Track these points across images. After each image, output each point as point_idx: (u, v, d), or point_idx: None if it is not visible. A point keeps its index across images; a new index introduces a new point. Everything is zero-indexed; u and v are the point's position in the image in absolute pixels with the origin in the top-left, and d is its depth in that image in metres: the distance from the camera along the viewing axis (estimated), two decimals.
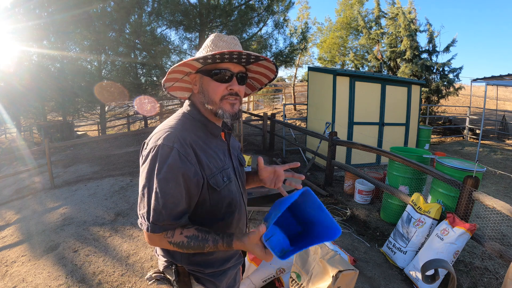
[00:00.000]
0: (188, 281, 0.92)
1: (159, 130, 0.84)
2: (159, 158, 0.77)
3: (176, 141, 0.79)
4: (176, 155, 0.77)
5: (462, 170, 2.67)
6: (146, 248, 2.87)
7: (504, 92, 17.85)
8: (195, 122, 0.90)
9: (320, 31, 17.73)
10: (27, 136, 13.82)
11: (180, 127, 0.85)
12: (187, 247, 0.79)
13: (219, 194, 0.87)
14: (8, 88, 8.61)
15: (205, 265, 0.92)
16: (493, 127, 10.51)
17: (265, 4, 8.55)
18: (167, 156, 0.77)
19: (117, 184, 4.77)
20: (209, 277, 0.93)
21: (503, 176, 5.20)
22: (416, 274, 2.30)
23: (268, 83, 1.01)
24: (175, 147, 0.78)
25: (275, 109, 16.49)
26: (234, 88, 0.85)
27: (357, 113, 5.63)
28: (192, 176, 0.79)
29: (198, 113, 0.91)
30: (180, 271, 0.92)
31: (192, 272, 0.92)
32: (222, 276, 0.95)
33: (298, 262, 1.91)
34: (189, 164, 0.79)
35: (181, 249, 0.80)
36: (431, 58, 11.05)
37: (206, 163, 0.84)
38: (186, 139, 0.82)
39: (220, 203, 0.88)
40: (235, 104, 0.87)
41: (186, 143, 0.81)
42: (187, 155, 0.79)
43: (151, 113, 10.21)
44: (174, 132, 0.82)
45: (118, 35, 7.37)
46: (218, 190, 0.86)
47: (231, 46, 0.87)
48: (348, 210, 3.73)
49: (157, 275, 0.99)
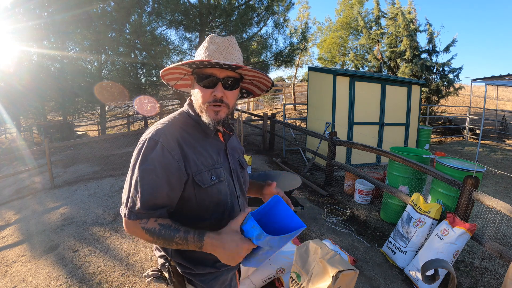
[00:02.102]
0: (182, 281, 0.93)
1: (153, 126, 0.88)
2: (144, 150, 0.81)
3: (163, 136, 0.82)
4: (160, 149, 0.80)
5: (462, 170, 2.67)
6: (146, 248, 2.87)
7: (504, 92, 17.85)
8: (190, 120, 0.92)
9: (320, 31, 17.76)
10: (27, 136, 13.83)
11: (171, 123, 0.88)
12: (158, 235, 0.78)
13: (206, 192, 0.87)
14: (8, 88, 8.61)
15: (193, 262, 0.90)
16: (493, 127, 10.51)
17: (265, 4, 8.56)
18: (151, 149, 0.80)
19: (117, 184, 4.77)
20: (200, 281, 0.92)
21: (503, 176, 5.20)
22: (416, 274, 2.30)
23: (271, 87, 0.99)
24: (160, 141, 0.81)
25: (275, 109, 16.49)
26: (217, 95, 0.84)
27: (357, 113, 5.63)
28: (173, 171, 0.81)
29: (194, 112, 0.92)
30: (173, 270, 0.93)
31: (184, 273, 0.92)
32: (213, 281, 0.93)
33: (298, 262, 1.91)
34: (171, 159, 0.81)
35: (151, 236, 0.79)
36: (431, 58, 11.06)
37: (193, 159, 0.85)
38: (174, 134, 0.84)
39: (206, 201, 0.87)
40: (219, 111, 0.86)
41: (173, 138, 0.83)
42: (172, 150, 0.81)
43: (151, 113, 10.21)
44: (163, 128, 0.85)
45: (118, 35, 7.38)
46: (204, 187, 0.86)
47: (221, 49, 0.86)
48: (348, 210, 3.73)
49: (154, 273, 1.01)
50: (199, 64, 0.83)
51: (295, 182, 3.32)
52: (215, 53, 0.86)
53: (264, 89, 1.03)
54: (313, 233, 3.09)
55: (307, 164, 5.79)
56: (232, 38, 0.90)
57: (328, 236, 3.01)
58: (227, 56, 0.86)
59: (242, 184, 1.04)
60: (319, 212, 3.66)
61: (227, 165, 0.96)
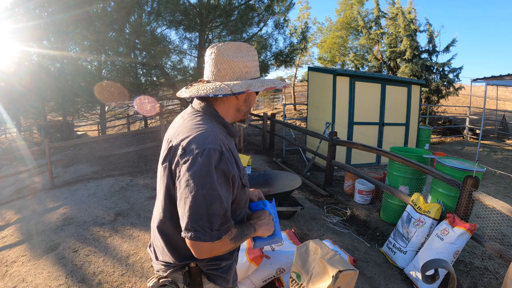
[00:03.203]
0: (200, 281, 0.92)
1: (197, 133, 0.80)
2: (209, 162, 0.74)
3: (222, 144, 0.80)
4: (226, 158, 0.78)
5: (462, 170, 2.67)
6: (146, 248, 2.87)
7: (504, 92, 17.85)
8: (218, 124, 0.90)
9: (320, 31, 17.75)
10: (27, 136, 13.83)
11: (215, 129, 0.84)
12: (238, 238, 0.85)
13: (244, 191, 0.93)
14: (8, 88, 8.61)
15: (220, 258, 0.93)
16: (493, 127, 10.51)
17: (266, 4, 8.56)
18: (217, 160, 0.76)
19: (117, 184, 4.77)
20: (221, 272, 0.94)
21: (503, 176, 5.20)
22: (416, 274, 2.30)
23: None
24: (223, 151, 0.78)
25: (275, 109, 16.49)
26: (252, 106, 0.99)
27: (357, 113, 5.63)
28: (236, 178, 0.83)
29: (218, 115, 0.92)
30: (193, 271, 0.91)
31: (208, 270, 0.92)
32: (229, 270, 0.98)
33: (298, 262, 1.91)
34: (234, 166, 0.83)
35: (235, 242, 0.84)
36: (431, 58, 11.06)
37: (239, 163, 0.89)
38: (224, 141, 0.83)
39: (243, 200, 0.94)
40: None
41: (227, 146, 0.83)
42: (231, 158, 0.82)
43: (151, 113, 10.21)
44: (214, 135, 0.80)
45: (118, 35, 7.37)
46: (247, 187, 0.94)
47: None
48: (348, 210, 3.73)
49: (164, 280, 0.94)
50: None
51: (295, 182, 3.32)
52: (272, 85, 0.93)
53: None
54: (313, 233, 3.09)
55: (307, 164, 5.79)
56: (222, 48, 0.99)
57: (328, 236, 3.01)
58: None
59: None
60: (319, 212, 3.66)
61: None
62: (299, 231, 3.10)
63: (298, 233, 3.04)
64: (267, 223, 0.97)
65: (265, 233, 0.96)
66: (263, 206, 1.05)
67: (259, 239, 1.00)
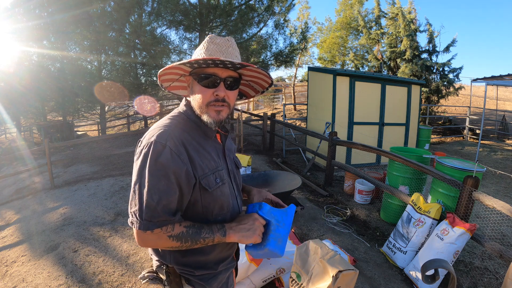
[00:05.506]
0: (179, 281, 0.92)
1: (154, 128, 0.84)
2: (151, 155, 0.76)
3: (169, 139, 0.79)
4: (168, 152, 0.77)
5: (462, 170, 2.67)
6: (146, 248, 2.87)
7: (504, 92, 17.85)
8: (189, 122, 0.89)
9: (320, 31, 17.75)
10: (27, 136, 13.82)
11: (174, 126, 0.85)
12: (186, 237, 0.80)
13: (211, 195, 0.87)
14: (8, 88, 8.60)
15: (195, 267, 0.91)
16: (493, 127, 10.51)
17: (266, 4, 8.56)
18: (159, 153, 0.76)
19: (117, 184, 4.77)
20: (199, 280, 0.92)
21: (503, 176, 5.20)
22: (416, 274, 2.30)
23: (268, 87, 1.00)
24: (167, 145, 0.78)
25: (275, 109, 16.49)
26: (219, 94, 0.83)
27: (357, 113, 5.63)
28: (183, 175, 0.79)
29: (193, 113, 0.90)
30: (171, 271, 0.92)
31: (182, 273, 0.92)
32: (212, 280, 0.94)
33: (298, 262, 1.91)
34: (180, 163, 0.79)
35: (180, 241, 0.79)
36: (431, 58, 11.06)
37: (198, 163, 0.84)
38: (179, 137, 0.82)
39: (212, 204, 0.88)
40: (221, 111, 0.85)
41: (179, 141, 0.81)
42: (180, 153, 0.79)
43: (151, 113, 10.21)
44: (167, 130, 0.81)
45: (118, 35, 7.38)
46: (210, 191, 0.86)
47: (222, 49, 0.85)
48: (348, 210, 3.73)
49: (150, 275, 1.00)
50: (202, 63, 0.81)
51: (295, 182, 3.32)
52: (216, 53, 0.84)
53: (260, 90, 1.03)
54: (313, 233, 3.09)
55: (307, 164, 5.79)
56: (232, 39, 0.89)
57: (328, 236, 3.01)
58: (228, 56, 0.85)
59: (238, 184, 1.06)
60: (319, 212, 3.66)
61: (226, 167, 0.97)
62: (299, 231, 3.10)
63: (298, 233, 3.05)
64: (247, 229, 0.85)
65: (243, 240, 0.84)
66: (258, 209, 0.92)
67: (250, 247, 0.90)
